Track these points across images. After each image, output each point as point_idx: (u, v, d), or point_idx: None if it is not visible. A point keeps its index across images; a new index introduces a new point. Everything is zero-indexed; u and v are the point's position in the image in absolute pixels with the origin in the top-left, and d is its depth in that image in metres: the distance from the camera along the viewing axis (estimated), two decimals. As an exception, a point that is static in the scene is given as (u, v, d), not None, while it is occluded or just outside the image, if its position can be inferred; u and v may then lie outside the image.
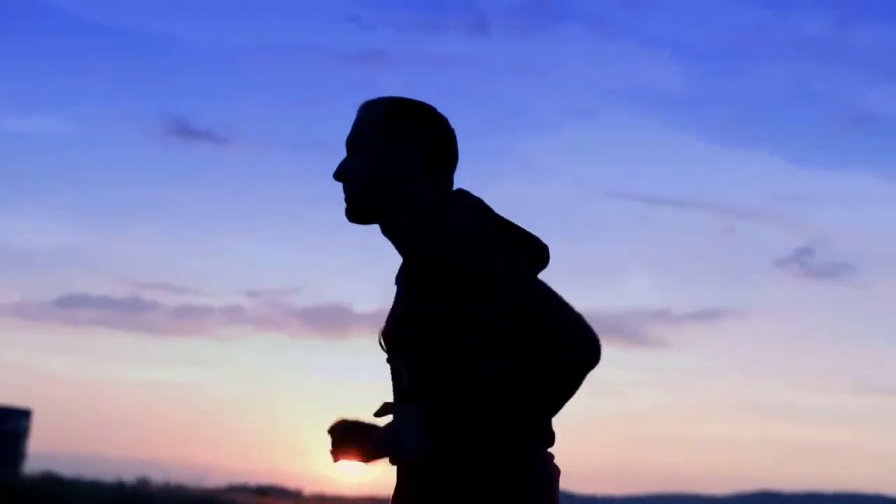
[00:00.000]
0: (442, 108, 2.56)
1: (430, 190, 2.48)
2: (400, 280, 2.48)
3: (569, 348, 2.24)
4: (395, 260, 2.55)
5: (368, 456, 2.45)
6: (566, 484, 2.34)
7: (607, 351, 2.32)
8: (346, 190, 2.53)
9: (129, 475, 24.81)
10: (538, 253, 2.42)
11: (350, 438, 2.46)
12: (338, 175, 2.54)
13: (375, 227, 2.55)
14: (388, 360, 2.48)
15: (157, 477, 24.84)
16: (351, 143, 2.54)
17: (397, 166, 2.48)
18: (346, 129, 2.60)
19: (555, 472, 2.37)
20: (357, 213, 2.53)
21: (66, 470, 25.20)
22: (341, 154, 2.57)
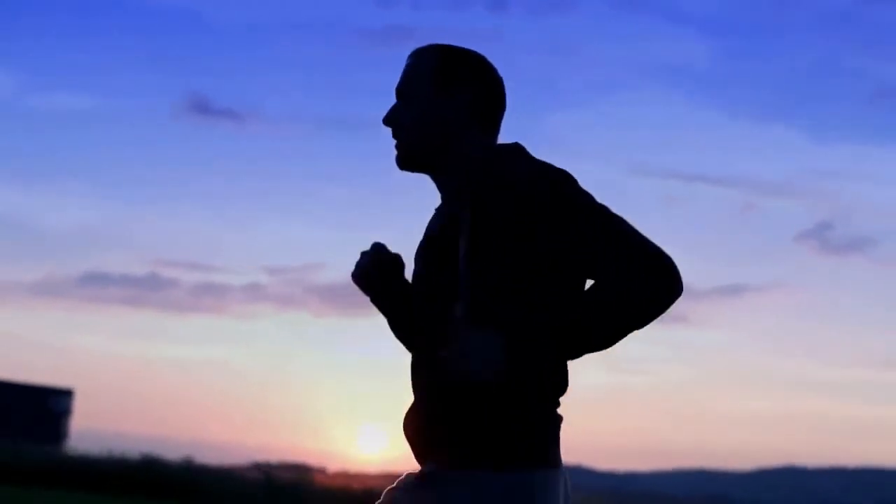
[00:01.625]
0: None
1: (485, 138, 2.50)
2: (451, 228, 2.45)
3: (662, 275, 2.30)
4: (416, 232, 2.59)
5: (387, 306, 2.62)
6: (588, 460, 2.29)
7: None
8: (396, 136, 2.53)
9: (154, 452, 24.99)
10: None
11: (384, 271, 2.59)
12: (388, 120, 2.53)
13: (401, 204, 2.56)
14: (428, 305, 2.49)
15: (174, 455, 24.96)
16: (402, 90, 2.54)
17: (451, 114, 2.48)
18: (368, 105, 2.20)
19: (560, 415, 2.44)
20: (410, 160, 2.52)
21: (102, 448, 25.34)
22: (363, 131, 2.44)
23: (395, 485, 2.48)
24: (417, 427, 2.46)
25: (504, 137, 2.54)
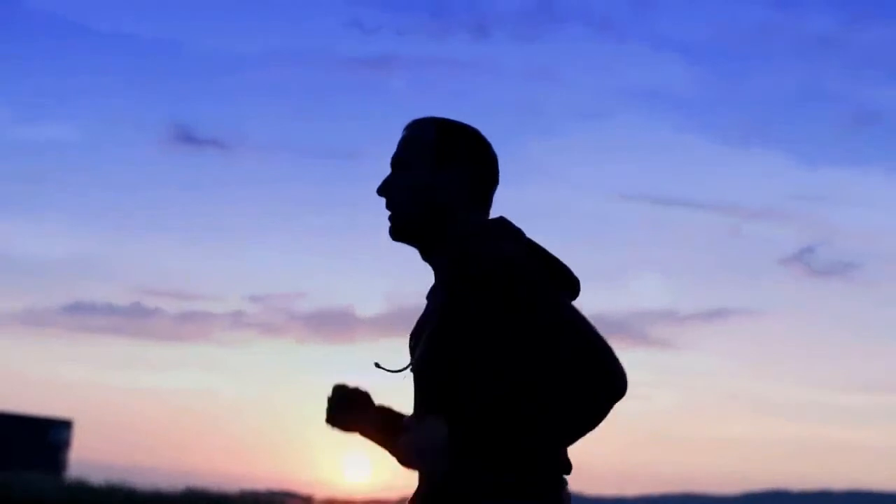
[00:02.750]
0: (449, 112, 2.58)
1: (476, 216, 2.50)
2: (436, 303, 2.48)
3: (600, 378, 2.24)
4: (400, 264, 2.60)
5: (367, 434, 2.59)
6: (576, 485, 2.40)
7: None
8: (391, 207, 2.52)
9: (141, 482, 25.24)
10: (571, 285, 2.44)
11: (350, 407, 2.58)
12: (382, 190, 2.53)
13: (382, 235, 2.56)
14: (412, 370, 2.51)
15: (165, 483, 25.20)
16: (398, 161, 2.53)
17: (446, 190, 2.48)
18: (351, 135, 2.69)
19: (566, 498, 2.40)
20: (402, 232, 2.51)
21: (100, 479, 25.57)
22: (346, 159, 2.70)
23: None
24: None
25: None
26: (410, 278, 2.62)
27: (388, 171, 2.56)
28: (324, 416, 2.60)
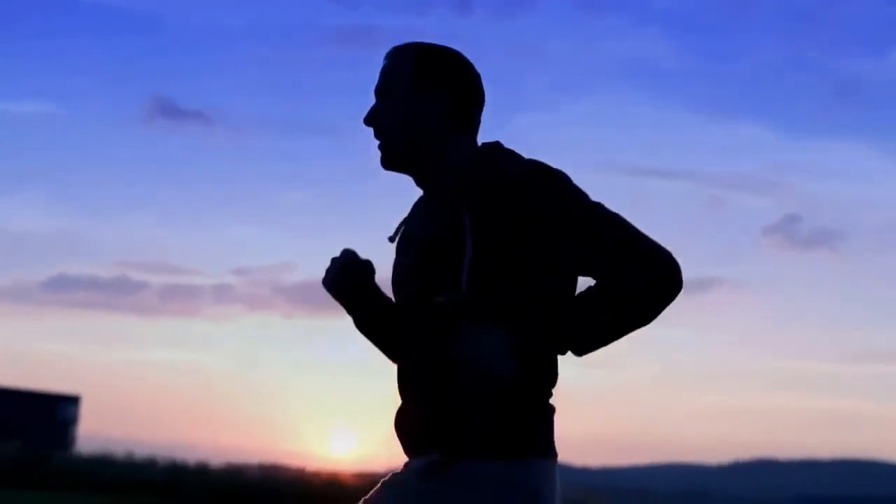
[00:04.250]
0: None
1: (466, 136, 2.53)
2: (438, 220, 2.50)
3: (655, 272, 2.36)
4: (383, 232, 2.61)
5: (356, 311, 2.61)
6: (564, 456, 2.46)
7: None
8: (378, 136, 2.55)
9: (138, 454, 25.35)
10: None
11: (354, 274, 2.57)
12: (368, 121, 2.55)
13: (368, 206, 2.71)
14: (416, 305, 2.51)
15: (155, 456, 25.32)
16: (381, 90, 2.55)
17: (431, 113, 2.50)
18: (333, 110, 2.83)
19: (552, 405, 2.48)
20: (393, 160, 2.54)
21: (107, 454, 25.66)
22: (329, 133, 2.80)
23: (389, 478, 2.51)
24: (416, 425, 2.48)
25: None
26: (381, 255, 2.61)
27: (371, 145, 2.59)
28: (322, 277, 2.60)
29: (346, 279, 2.58)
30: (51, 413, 35.66)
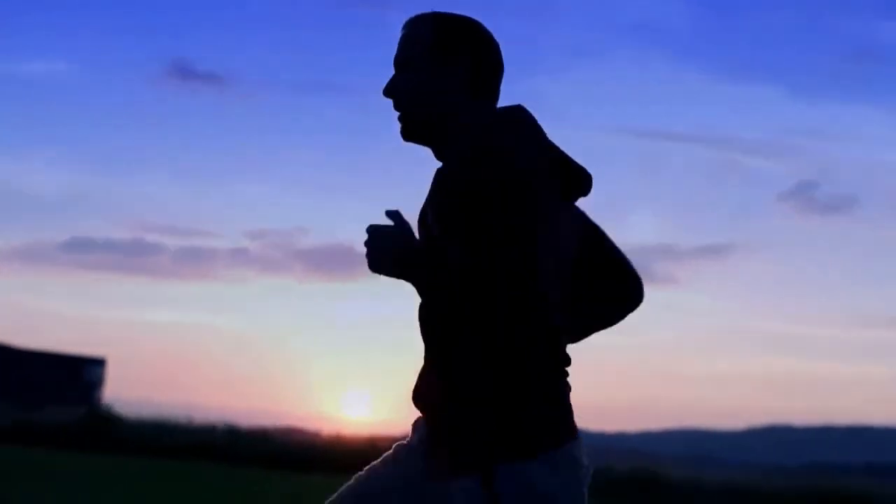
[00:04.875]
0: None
1: (484, 104, 2.51)
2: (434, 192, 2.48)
3: (625, 283, 2.49)
4: (401, 200, 2.54)
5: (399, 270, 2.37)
6: (577, 421, 2.43)
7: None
8: (398, 108, 2.53)
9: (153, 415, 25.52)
10: (579, 182, 2.48)
11: (387, 244, 2.36)
12: (388, 92, 2.53)
13: (382, 169, 2.62)
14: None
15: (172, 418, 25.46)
16: (399, 61, 2.53)
17: (451, 82, 2.49)
18: (349, 70, 2.79)
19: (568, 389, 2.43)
20: (413, 131, 2.52)
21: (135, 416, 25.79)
22: (345, 94, 2.74)
23: (408, 441, 2.52)
24: (439, 404, 2.44)
25: None
26: (412, 215, 2.54)
27: (387, 106, 2.55)
28: (367, 259, 2.39)
29: (402, 248, 2.36)
30: (77, 375, 36.04)
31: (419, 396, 2.50)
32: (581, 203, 2.56)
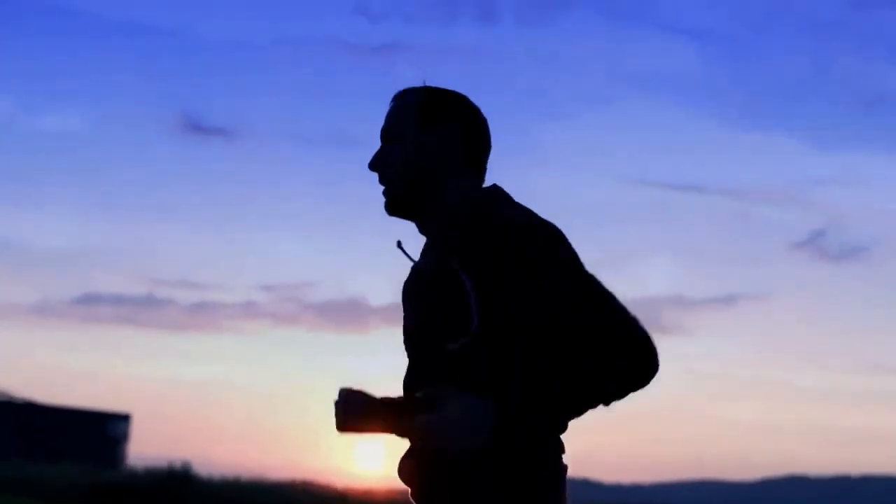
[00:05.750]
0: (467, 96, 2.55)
1: (471, 181, 2.46)
2: (434, 267, 2.42)
3: (635, 352, 2.25)
4: (412, 251, 2.51)
5: (388, 431, 2.36)
6: (593, 473, 2.41)
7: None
8: (383, 181, 2.47)
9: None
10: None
11: (362, 409, 2.36)
12: (373, 165, 2.47)
13: (392, 221, 2.50)
14: (414, 351, 2.47)
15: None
16: (387, 132, 2.48)
17: (437, 156, 2.43)
18: (360, 123, 2.80)
19: (565, 464, 2.37)
20: (398, 205, 2.46)
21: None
22: (356, 148, 2.74)
23: None
24: (422, 488, 2.40)
25: (498, 150, 2.53)
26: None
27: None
28: (333, 423, 2.41)
29: (357, 419, 2.38)
30: (100, 431, 36.07)
31: (405, 472, 2.44)
32: (589, 253, 2.45)
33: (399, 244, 2.50)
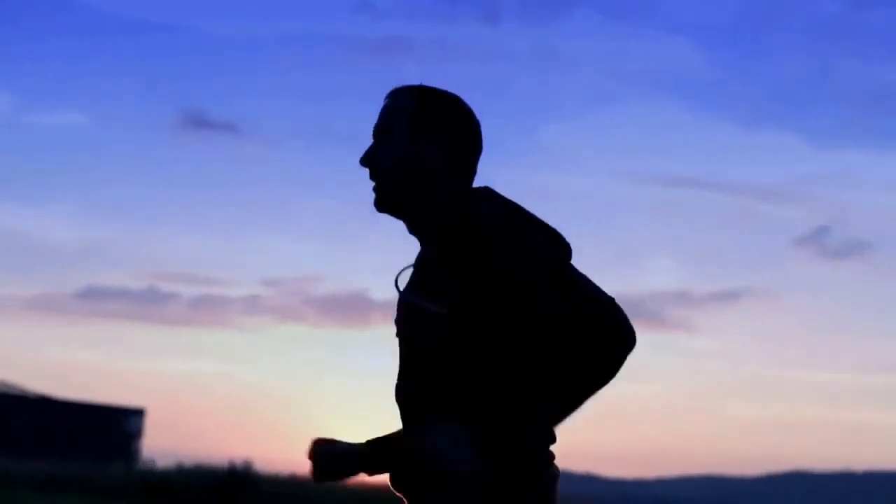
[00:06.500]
0: (462, 97, 2.54)
1: (461, 181, 2.46)
2: (424, 273, 2.44)
3: (612, 330, 2.22)
4: (415, 246, 2.52)
5: (360, 472, 2.46)
6: (597, 468, 2.48)
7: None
8: (374, 177, 2.48)
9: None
10: (569, 246, 2.37)
11: (335, 462, 2.45)
12: (365, 161, 2.48)
13: (391, 219, 2.51)
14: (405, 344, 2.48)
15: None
16: (380, 130, 2.49)
17: (429, 156, 2.44)
18: (362, 120, 2.55)
19: (556, 473, 2.36)
20: (388, 203, 2.47)
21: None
22: (357, 144, 2.53)
23: None
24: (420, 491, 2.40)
25: (502, 149, 2.87)
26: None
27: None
28: (310, 475, 2.50)
29: (332, 471, 2.49)
30: (115, 426, 36.13)
31: (397, 480, 2.44)
32: (594, 251, 2.58)
33: (396, 281, 2.51)
